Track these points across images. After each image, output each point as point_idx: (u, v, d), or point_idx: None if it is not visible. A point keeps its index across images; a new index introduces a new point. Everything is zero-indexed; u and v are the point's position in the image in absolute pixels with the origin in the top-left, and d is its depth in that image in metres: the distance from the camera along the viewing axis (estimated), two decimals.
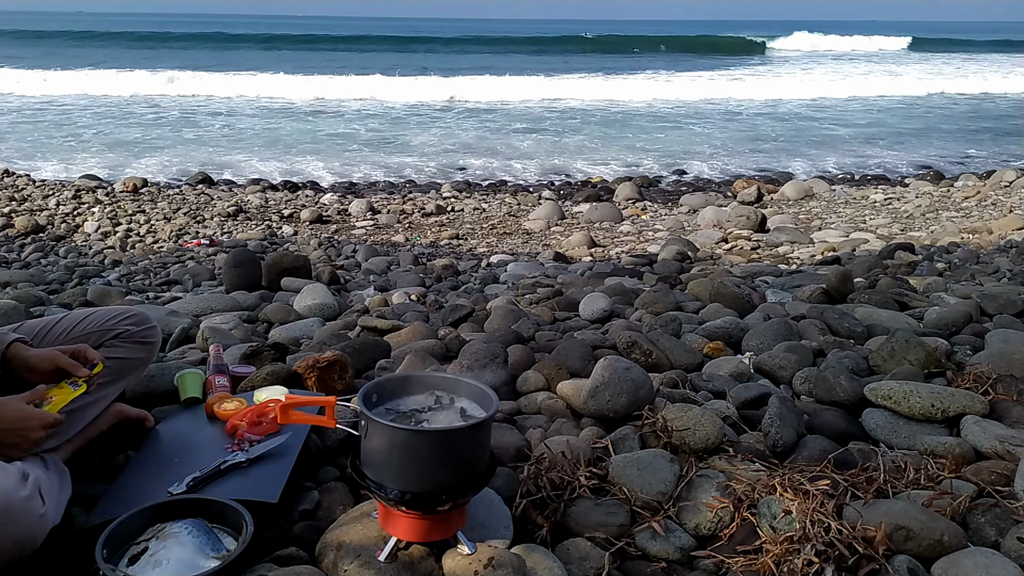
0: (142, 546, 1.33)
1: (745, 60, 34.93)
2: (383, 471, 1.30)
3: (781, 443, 1.84)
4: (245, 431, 1.71)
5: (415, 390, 1.46)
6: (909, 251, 5.40)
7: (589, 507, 1.54)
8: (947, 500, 1.57)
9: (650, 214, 8.62)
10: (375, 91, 19.45)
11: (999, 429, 1.85)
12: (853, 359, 2.41)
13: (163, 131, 13.84)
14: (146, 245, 6.82)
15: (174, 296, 4.60)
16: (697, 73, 26.21)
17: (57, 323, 1.68)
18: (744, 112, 17.89)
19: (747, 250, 6.49)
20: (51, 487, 1.39)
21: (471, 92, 19.79)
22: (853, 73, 27.90)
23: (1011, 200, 8.36)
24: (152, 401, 2.00)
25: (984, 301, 3.14)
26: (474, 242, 7.27)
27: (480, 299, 3.87)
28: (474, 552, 1.34)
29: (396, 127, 14.86)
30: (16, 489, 1.25)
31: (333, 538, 1.39)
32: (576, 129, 14.91)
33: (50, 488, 1.38)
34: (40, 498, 1.30)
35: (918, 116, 17.52)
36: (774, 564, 1.39)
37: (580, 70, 26.56)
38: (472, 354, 2.26)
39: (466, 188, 9.97)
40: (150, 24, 55.74)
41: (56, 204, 7.82)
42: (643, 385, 1.98)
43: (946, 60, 33.77)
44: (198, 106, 17.16)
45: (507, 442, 1.76)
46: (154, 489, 1.53)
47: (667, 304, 3.26)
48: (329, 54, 32.94)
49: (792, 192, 9.32)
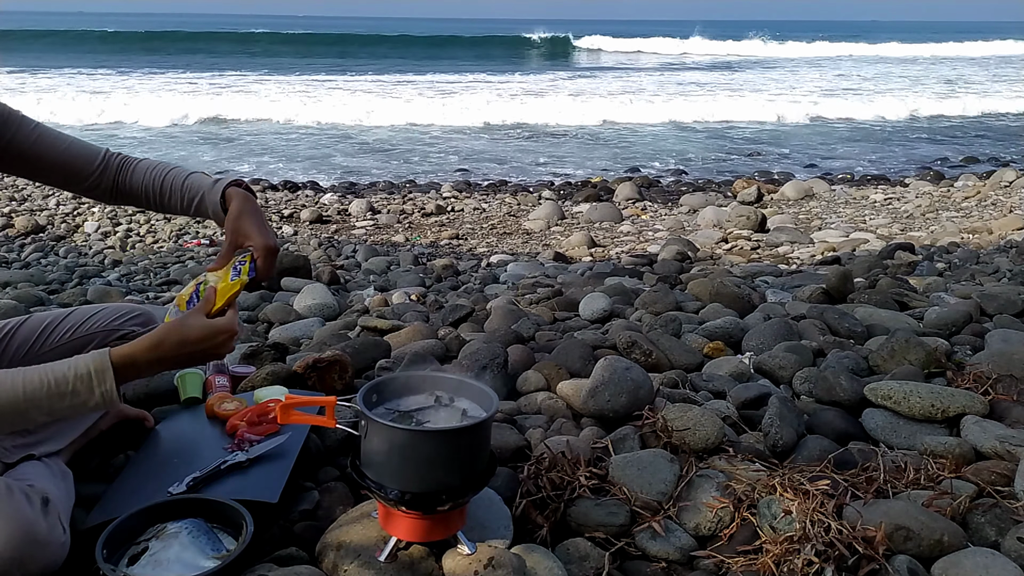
0: (142, 546, 1.33)
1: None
2: (383, 471, 1.30)
3: (781, 443, 1.84)
4: (245, 431, 1.71)
5: (415, 390, 1.46)
6: (909, 251, 5.40)
7: (589, 507, 1.54)
8: (947, 500, 1.57)
9: (650, 214, 8.62)
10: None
11: (999, 429, 1.85)
12: (853, 359, 2.41)
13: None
14: (146, 245, 6.82)
15: (174, 296, 4.60)
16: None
17: (64, 319, 1.67)
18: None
19: (747, 250, 6.49)
20: (65, 505, 1.39)
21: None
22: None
23: (1011, 200, 8.36)
24: (152, 401, 2.00)
25: (984, 301, 3.14)
26: (474, 242, 7.27)
27: (480, 299, 3.87)
28: (474, 552, 1.34)
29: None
30: (39, 519, 1.26)
31: (333, 538, 1.39)
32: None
33: (66, 508, 1.39)
34: (61, 525, 1.31)
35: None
36: (774, 564, 1.39)
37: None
38: (472, 354, 2.26)
39: (466, 188, 9.97)
40: (151, 24, 55.77)
41: (56, 204, 7.82)
42: (643, 385, 1.98)
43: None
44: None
45: (507, 442, 1.76)
46: (154, 489, 1.53)
47: (667, 304, 3.26)
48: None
49: (792, 192, 9.32)
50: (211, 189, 1.50)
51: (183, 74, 22.62)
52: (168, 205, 1.55)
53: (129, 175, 1.56)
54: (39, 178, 1.54)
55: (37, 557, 1.23)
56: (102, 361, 1.24)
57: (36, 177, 1.54)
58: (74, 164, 1.52)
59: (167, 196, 1.54)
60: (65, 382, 1.22)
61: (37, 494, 1.31)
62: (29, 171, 1.52)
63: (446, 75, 23.96)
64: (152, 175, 1.55)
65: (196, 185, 1.52)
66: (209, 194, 1.50)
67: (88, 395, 1.23)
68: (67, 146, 1.52)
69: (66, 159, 1.51)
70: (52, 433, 1.54)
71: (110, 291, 4.40)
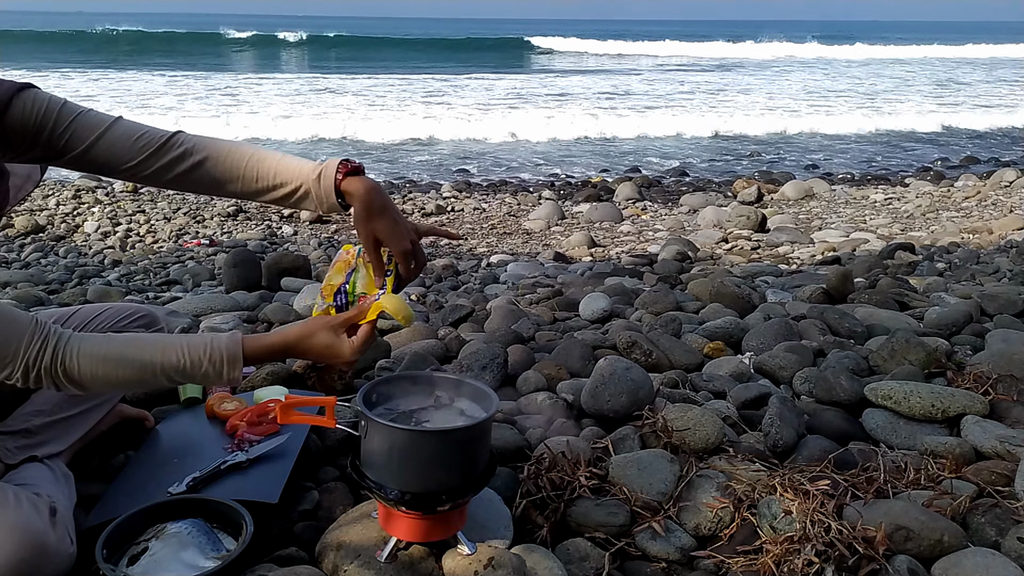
0: (142, 546, 1.33)
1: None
2: (383, 471, 1.30)
3: (781, 443, 1.84)
4: (245, 431, 1.71)
5: (415, 390, 1.46)
6: (909, 251, 5.40)
7: (589, 507, 1.54)
8: (947, 500, 1.57)
9: (650, 214, 8.62)
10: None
11: (999, 429, 1.85)
12: (853, 359, 2.41)
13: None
14: (146, 245, 6.83)
15: (174, 296, 4.60)
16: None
17: (67, 319, 1.67)
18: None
19: (747, 250, 6.49)
20: (70, 513, 1.39)
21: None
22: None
23: (1011, 200, 8.36)
24: (152, 401, 2.00)
25: (984, 301, 3.14)
26: (474, 242, 7.27)
27: (480, 299, 3.86)
28: (474, 552, 1.34)
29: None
30: (48, 530, 1.26)
31: (333, 538, 1.39)
32: None
33: (70, 515, 1.39)
34: (69, 536, 1.32)
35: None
36: (774, 564, 1.39)
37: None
38: (472, 354, 2.26)
39: (466, 188, 9.97)
40: (154, 24, 55.69)
41: (56, 204, 7.82)
42: (643, 385, 1.98)
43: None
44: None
45: (507, 442, 1.76)
46: (154, 489, 1.53)
47: (667, 304, 3.26)
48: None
49: (792, 192, 9.32)
50: (317, 182, 1.32)
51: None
52: (253, 193, 1.36)
53: (200, 162, 1.34)
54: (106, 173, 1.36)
55: (45, 568, 1.23)
56: (235, 352, 1.29)
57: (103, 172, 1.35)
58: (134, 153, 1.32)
59: (251, 183, 1.35)
60: (199, 364, 1.27)
61: (45, 503, 1.31)
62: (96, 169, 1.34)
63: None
64: (228, 161, 1.34)
65: (292, 173, 1.34)
66: (317, 188, 1.32)
67: (216, 378, 1.30)
68: (137, 136, 1.32)
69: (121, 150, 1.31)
70: (55, 435, 1.54)
71: (110, 291, 4.40)
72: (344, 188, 1.32)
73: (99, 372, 1.24)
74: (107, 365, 1.24)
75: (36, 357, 1.20)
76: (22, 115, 1.25)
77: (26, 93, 1.27)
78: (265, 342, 1.33)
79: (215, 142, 1.37)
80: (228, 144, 1.38)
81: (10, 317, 1.21)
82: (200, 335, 1.29)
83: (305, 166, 1.34)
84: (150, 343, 1.28)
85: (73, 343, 1.23)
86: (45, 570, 1.23)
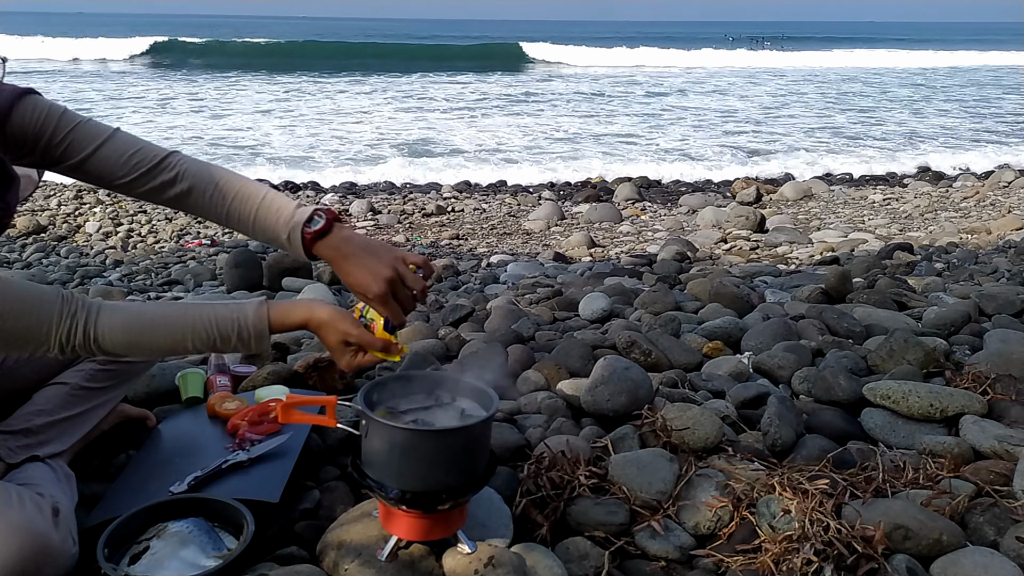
0: (143, 545, 1.34)
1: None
2: (384, 470, 1.31)
3: (780, 442, 1.84)
4: (246, 430, 1.71)
5: (415, 390, 1.46)
6: (908, 251, 5.41)
7: (589, 506, 1.54)
8: (946, 499, 1.57)
9: (649, 214, 8.63)
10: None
11: (998, 429, 1.86)
12: (852, 359, 2.41)
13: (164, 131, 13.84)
14: (147, 245, 6.83)
15: (175, 296, 4.61)
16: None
17: None
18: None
19: (746, 250, 6.50)
20: (72, 513, 1.40)
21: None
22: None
23: (1010, 200, 8.37)
24: (153, 401, 2.00)
25: (983, 301, 3.14)
26: (474, 242, 7.27)
27: (480, 299, 3.87)
28: (474, 551, 1.34)
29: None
30: (51, 531, 1.26)
31: (334, 537, 1.40)
32: None
33: (73, 518, 1.39)
34: (71, 537, 1.32)
35: None
36: (773, 563, 1.39)
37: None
38: (472, 354, 2.27)
39: (466, 188, 9.98)
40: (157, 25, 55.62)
41: (57, 204, 7.83)
42: (642, 384, 1.99)
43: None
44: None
45: (507, 442, 1.77)
46: (155, 488, 1.53)
47: (666, 304, 3.26)
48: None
49: (791, 192, 9.34)
50: (288, 242, 1.36)
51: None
52: (238, 231, 1.43)
53: (187, 191, 1.37)
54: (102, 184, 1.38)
55: (48, 568, 1.23)
56: (262, 330, 1.31)
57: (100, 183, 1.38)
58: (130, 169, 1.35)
59: (234, 224, 1.41)
60: (228, 339, 1.30)
61: (47, 503, 1.31)
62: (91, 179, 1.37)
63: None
64: (212, 199, 1.38)
65: (267, 223, 1.38)
66: (289, 247, 1.37)
67: (244, 350, 1.34)
68: (133, 152, 1.35)
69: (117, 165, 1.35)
70: (57, 435, 1.55)
71: (112, 291, 4.41)
72: (314, 252, 1.37)
73: (131, 345, 1.27)
74: (139, 338, 1.27)
75: (69, 334, 1.21)
76: (23, 121, 1.26)
77: (28, 99, 1.27)
78: (290, 320, 1.34)
79: (202, 173, 1.38)
80: (216, 178, 1.38)
81: (37, 296, 1.21)
82: (228, 307, 1.31)
83: (280, 219, 1.36)
84: (179, 317, 1.30)
85: (104, 319, 1.24)
86: (48, 570, 1.23)
